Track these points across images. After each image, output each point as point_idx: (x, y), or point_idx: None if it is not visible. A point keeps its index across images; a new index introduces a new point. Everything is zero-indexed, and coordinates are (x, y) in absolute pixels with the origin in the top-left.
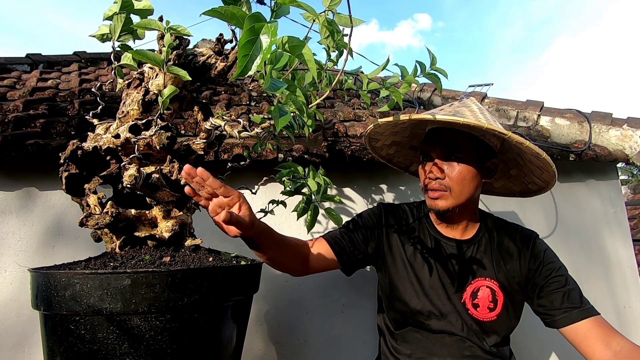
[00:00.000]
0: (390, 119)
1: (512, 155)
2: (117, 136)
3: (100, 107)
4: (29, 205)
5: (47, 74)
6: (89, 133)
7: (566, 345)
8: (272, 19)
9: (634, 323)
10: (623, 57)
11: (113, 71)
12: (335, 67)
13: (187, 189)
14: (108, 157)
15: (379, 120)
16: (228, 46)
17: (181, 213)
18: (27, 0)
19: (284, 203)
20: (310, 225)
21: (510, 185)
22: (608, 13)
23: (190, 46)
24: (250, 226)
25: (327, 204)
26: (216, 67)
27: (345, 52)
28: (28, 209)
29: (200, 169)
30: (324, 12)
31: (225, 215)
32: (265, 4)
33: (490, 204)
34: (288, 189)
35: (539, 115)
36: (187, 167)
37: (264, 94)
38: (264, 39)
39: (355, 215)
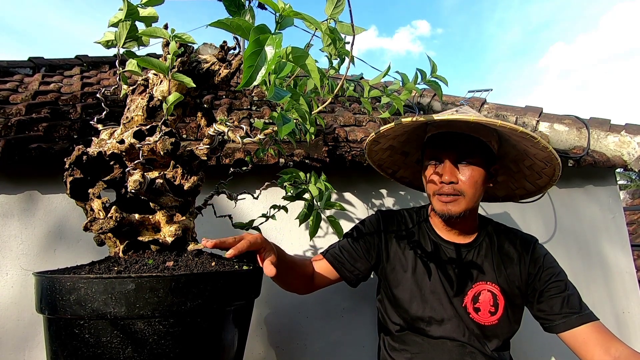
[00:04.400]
0: (414, 119)
1: (506, 163)
2: (122, 141)
3: (105, 112)
4: (31, 208)
5: (49, 77)
6: (93, 138)
7: (565, 350)
8: (276, 31)
9: (633, 328)
10: (620, 64)
11: (117, 77)
12: (337, 73)
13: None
14: (112, 162)
15: (402, 119)
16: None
17: (184, 218)
18: (28, 2)
19: (285, 208)
20: (313, 232)
21: (494, 191)
22: (605, 18)
23: None
24: (266, 244)
25: (328, 212)
26: (220, 73)
27: (347, 59)
28: (30, 212)
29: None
30: (326, 20)
31: (272, 270)
32: (266, 9)
33: (489, 208)
34: (289, 194)
35: (537, 121)
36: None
37: (265, 99)
38: (269, 50)
39: (354, 224)
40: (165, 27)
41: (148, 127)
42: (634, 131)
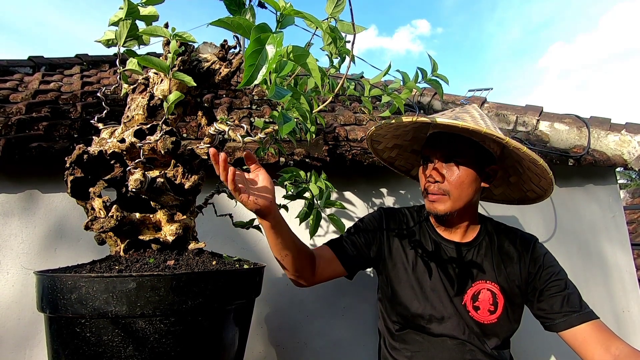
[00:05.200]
0: (392, 121)
1: (512, 163)
2: (123, 141)
3: (105, 111)
4: (32, 207)
5: (49, 76)
6: (93, 137)
7: (565, 349)
8: (277, 29)
9: (633, 327)
10: (620, 64)
11: (118, 76)
12: (338, 72)
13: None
14: (112, 161)
15: (382, 122)
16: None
17: (185, 217)
18: (28, 1)
19: (285, 207)
20: (313, 231)
21: (510, 193)
22: (605, 18)
23: None
24: (273, 200)
25: (329, 210)
26: (220, 72)
27: (347, 58)
28: (30, 211)
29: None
30: (327, 19)
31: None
32: (266, 7)
33: (490, 208)
34: (290, 193)
35: (538, 120)
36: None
37: (265, 98)
38: (270, 49)
39: (356, 220)
40: (166, 26)
41: (149, 126)
42: (634, 130)
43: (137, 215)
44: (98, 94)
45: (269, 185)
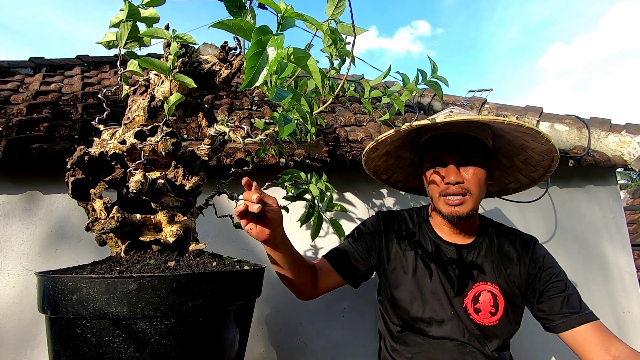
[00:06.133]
0: (424, 122)
1: (499, 158)
2: (123, 142)
3: (106, 112)
4: (33, 208)
5: (50, 77)
6: (94, 138)
7: (565, 350)
8: (278, 32)
9: (633, 328)
10: (620, 64)
11: (119, 77)
12: (338, 73)
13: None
14: (113, 163)
15: (406, 124)
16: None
17: (185, 218)
18: (28, 2)
19: (286, 208)
20: (315, 234)
21: (487, 187)
22: (604, 18)
23: None
24: (279, 224)
25: (330, 214)
26: (221, 74)
27: (347, 59)
28: (31, 212)
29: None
30: (327, 20)
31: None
32: (266, 9)
33: (489, 208)
34: (290, 194)
35: (538, 121)
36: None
37: (266, 99)
38: (271, 51)
39: (354, 224)
40: (167, 27)
41: (149, 127)
42: (635, 131)
43: (138, 216)
44: (99, 95)
45: (274, 219)
